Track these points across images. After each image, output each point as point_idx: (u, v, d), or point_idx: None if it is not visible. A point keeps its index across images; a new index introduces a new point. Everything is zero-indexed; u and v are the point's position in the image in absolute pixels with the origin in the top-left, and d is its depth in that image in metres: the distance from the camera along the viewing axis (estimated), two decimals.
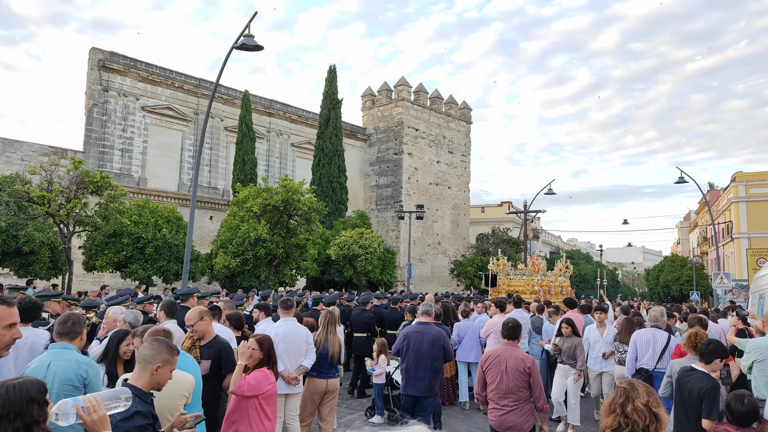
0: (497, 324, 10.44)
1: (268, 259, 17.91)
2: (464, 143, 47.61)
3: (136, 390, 3.06)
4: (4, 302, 2.97)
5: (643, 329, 7.72)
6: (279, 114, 37.98)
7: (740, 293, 25.07)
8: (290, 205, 17.55)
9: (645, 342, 7.37)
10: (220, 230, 20.07)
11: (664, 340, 7.30)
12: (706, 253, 62.08)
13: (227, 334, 6.39)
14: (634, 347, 7.46)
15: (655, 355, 7.24)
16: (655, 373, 7.10)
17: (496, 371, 5.87)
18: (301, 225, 18.38)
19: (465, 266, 35.36)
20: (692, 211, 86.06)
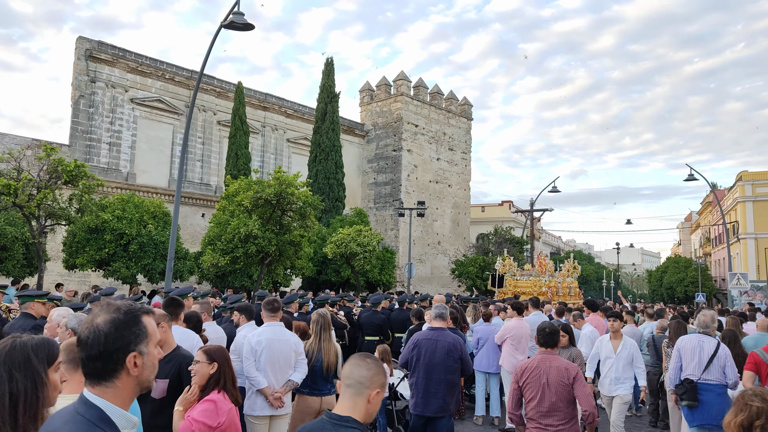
0: (514, 329, 9.26)
1: (260, 257, 16.65)
2: (465, 140, 46.40)
3: (358, 426, 2.30)
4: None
5: (688, 335, 6.86)
6: (274, 108, 36.70)
7: (756, 294, 23.90)
8: (284, 199, 16.29)
9: (690, 349, 6.51)
10: (210, 226, 18.80)
11: (712, 347, 6.40)
12: (709, 254, 61.04)
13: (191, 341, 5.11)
14: (678, 355, 6.64)
15: (702, 364, 6.36)
16: (700, 384, 6.28)
17: (536, 386, 4.82)
18: (296, 221, 17.12)
19: (467, 266, 34.13)
20: (694, 212, 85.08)
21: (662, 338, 10.34)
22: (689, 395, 6.25)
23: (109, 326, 1.86)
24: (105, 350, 1.83)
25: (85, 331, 1.88)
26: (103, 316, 1.89)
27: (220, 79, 33.97)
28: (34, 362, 2.04)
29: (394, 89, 41.74)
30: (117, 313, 1.90)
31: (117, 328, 1.86)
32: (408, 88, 41.69)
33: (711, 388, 6.21)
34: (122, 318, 1.89)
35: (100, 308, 1.95)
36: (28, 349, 2.06)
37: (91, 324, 1.88)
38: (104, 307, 1.96)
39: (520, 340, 9.18)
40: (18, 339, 2.10)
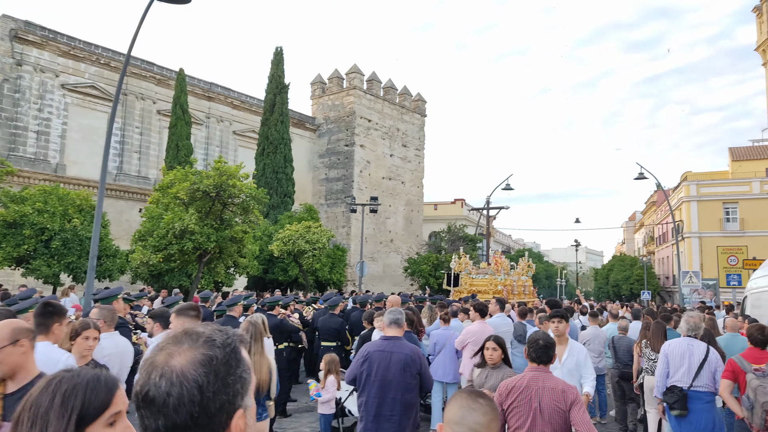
0: (476, 333, 8.34)
1: (197, 255, 15.25)
2: (418, 137, 45.69)
3: None
4: None
5: (677, 339, 6.27)
6: (220, 99, 34.92)
7: (706, 293, 24.03)
8: (224, 191, 14.94)
9: (679, 354, 5.92)
10: (142, 221, 17.21)
11: (702, 352, 5.83)
12: (653, 253, 62.53)
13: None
14: (665, 360, 6.04)
15: (692, 370, 5.81)
16: (691, 392, 5.75)
17: (525, 411, 3.88)
18: (238, 215, 15.79)
19: (419, 265, 33.36)
20: (638, 211, 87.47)
21: (623, 339, 9.72)
22: (680, 404, 5.73)
23: (202, 371, 1.17)
24: (203, 412, 1.15)
25: (158, 383, 1.16)
26: (187, 355, 1.19)
27: (160, 66, 32.00)
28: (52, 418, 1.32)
29: (346, 83, 40.57)
30: (209, 348, 1.21)
31: (216, 373, 1.18)
32: (361, 81, 40.59)
33: (701, 396, 5.73)
34: (220, 355, 1.21)
35: (173, 340, 1.24)
36: (54, 395, 1.36)
37: (168, 370, 1.17)
38: (180, 337, 1.24)
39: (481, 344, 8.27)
40: (58, 377, 1.41)
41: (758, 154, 47.49)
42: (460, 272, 23.29)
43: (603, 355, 10.25)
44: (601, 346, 10.24)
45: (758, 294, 10.99)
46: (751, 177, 42.29)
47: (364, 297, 11.58)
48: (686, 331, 6.06)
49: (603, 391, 10.38)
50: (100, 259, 18.15)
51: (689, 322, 6.03)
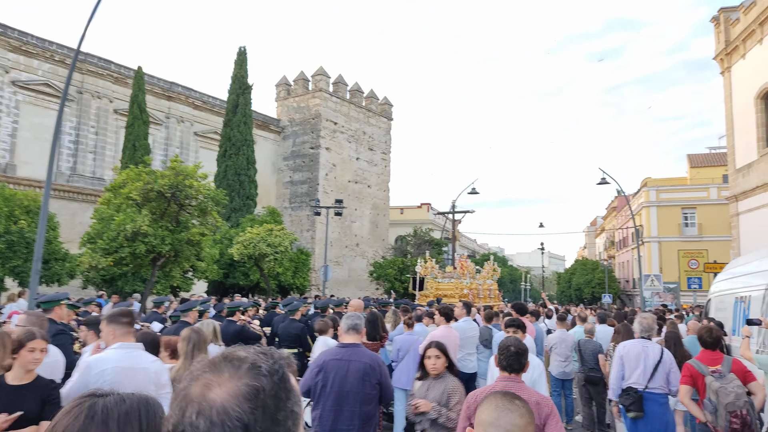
0: (441, 338, 8.01)
1: (151, 258, 14.53)
2: (385, 140, 45.40)
3: None
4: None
5: (631, 340, 6.27)
6: (180, 98, 33.95)
7: (666, 296, 24.32)
8: (180, 192, 14.29)
9: (635, 356, 5.93)
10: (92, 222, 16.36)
11: (656, 354, 5.86)
12: (614, 257, 63.66)
13: None
14: (620, 362, 6.02)
15: (647, 371, 5.82)
16: (647, 394, 5.76)
17: None
18: (195, 217, 15.14)
19: (385, 269, 32.99)
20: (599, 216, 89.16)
21: (589, 343, 9.55)
22: (636, 406, 5.73)
23: (247, 407, 0.95)
24: None
25: (195, 422, 0.94)
26: (229, 386, 0.97)
27: (118, 64, 30.90)
28: None
29: (312, 84, 40.01)
30: (255, 377, 0.99)
31: (264, 409, 0.96)
32: (327, 83, 40.09)
33: (655, 398, 5.74)
34: (268, 386, 0.98)
35: (211, 367, 1.01)
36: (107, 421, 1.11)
37: (206, 406, 0.95)
38: (219, 364, 1.02)
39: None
40: (101, 400, 1.17)
41: (715, 161, 48.79)
42: (426, 276, 23.21)
43: (570, 360, 10.05)
44: (569, 350, 10.04)
45: (722, 297, 10.95)
46: (708, 183, 43.39)
47: (325, 302, 11.12)
48: (639, 332, 6.03)
49: (570, 396, 10.18)
50: (48, 263, 17.22)
51: (642, 323, 6.00)
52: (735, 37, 26.56)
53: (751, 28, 24.97)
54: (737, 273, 10.52)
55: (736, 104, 26.91)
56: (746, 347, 7.46)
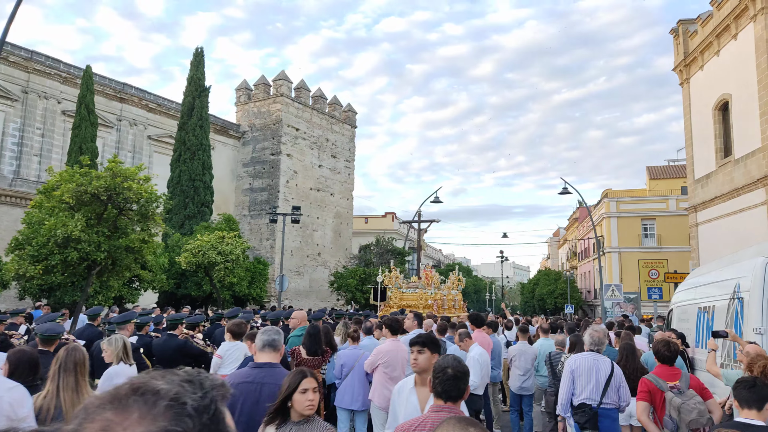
0: (388, 352, 7.30)
1: (85, 266, 13.43)
2: (348, 148, 44.68)
3: None
4: None
5: (581, 354, 6.02)
6: (134, 101, 32.60)
7: (627, 306, 24.18)
8: (118, 194, 13.25)
9: (586, 370, 5.68)
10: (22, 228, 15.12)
11: (607, 368, 5.66)
12: (576, 268, 64.20)
13: None
14: (570, 377, 5.76)
15: (599, 386, 5.59)
16: (601, 410, 5.53)
17: None
18: (136, 222, 14.09)
19: (346, 278, 32.14)
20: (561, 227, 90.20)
21: (560, 355, 8.97)
22: (591, 423, 5.49)
23: None
24: None
25: None
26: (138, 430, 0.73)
27: (67, 63, 29.46)
28: None
29: (273, 89, 39.08)
30: (175, 419, 0.75)
31: None
32: (289, 89, 39.22)
33: (608, 413, 5.55)
34: (193, 429, 0.76)
35: (112, 401, 0.77)
36: None
37: None
38: (125, 398, 0.77)
39: (395, 366, 7.22)
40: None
41: (674, 173, 49.69)
42: (390, 286, 22.80)
43: (531, 374, 9.44)
44: (529, 363, 9.43)
45: (684, 307, 10.55)
46: (667, 195, 44.07)
47: (276, 313, 10.29)
48: (589, 346, 5.79)
49: (529, 412, 9.57)
50: None
51: (593, 336, 5.76)
52: (693, 48, 26.85)
53: (708, 40, 25.25)
54: (700, 282, 10.13)
55: (695, 115, 27.17)
56: (712, 362, 6.96)
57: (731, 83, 23.66)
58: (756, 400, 3.49)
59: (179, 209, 28.33)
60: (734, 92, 23.52)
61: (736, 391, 3.62)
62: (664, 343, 5.32)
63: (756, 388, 3.52)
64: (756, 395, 3.50)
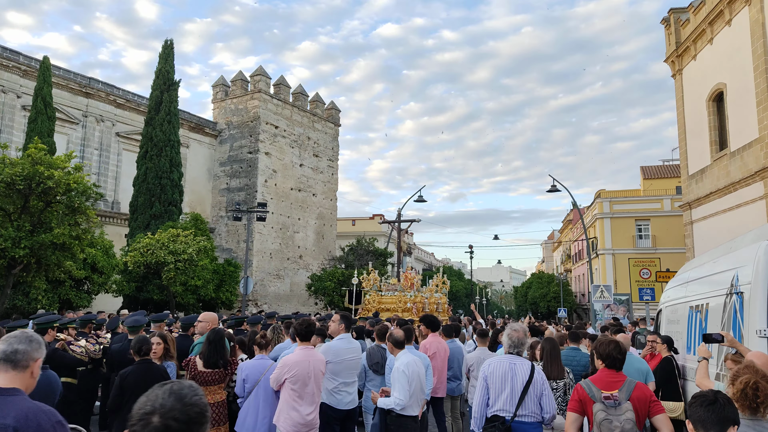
0: (297, 364, 5.80)
1: (3, 264, 11.89)
2: (332, 147, 43.18)
3: None
4: None
5: (497, 358, 5.35)
6: (100, 96, 31.06)
7: (618, 308, 22.71)
8: (39, 184, 11.75)
9: (501, 376, 4.90)
10: None
11: (525, 373, 4.88)
12: (570, 270, 62.97)
13: None
14: (484, 384, 4.98)
15: (515, 395, 4.79)
16: (516, 424, 4.72)
17: None
18: (65, 216, 12.57)
19: (324, 281, 30.59)
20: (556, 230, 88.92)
21: None
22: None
23: None
24: None
25: None
26: None
27: (28, 56, 27.92)
28: None
29: (251, 85, 37.60)
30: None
31: None
32: (267, 85, 37.73)
33: (526, 428, 4.70)
34: None
35: None
36: None
37: None
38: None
39: (305, 381, 5.71)
40: None
41: (669, 173, 48.36)
42: (367, 289, 21.64)
43: None
44: None
45: (674, 306, 9.07)
46: (662, 195, 42.77)
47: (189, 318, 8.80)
48: (508, 348, 5.03)
49: None
50: None
51: (512, 336, 5.00)
52: (685, 38, 25.48)
53: (701, 28, 23.89)
54: (691, 277, 8.63)
55: (689, 108, 25.79)
56: (704, 373, 5.50)
57: (726, 72, 22.30)
58: (715, 422, 2.58)
59: (145, 208, 26.79)
60: (729, 81, 22.16)
61: (691, 409, 2.67)
62: (613, 344, 4.32)
63: (715, 405, 2.60)
64: (715, 416, 2.59)
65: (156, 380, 5.57)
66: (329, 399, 6.38)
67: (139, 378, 5.54)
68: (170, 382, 1.69)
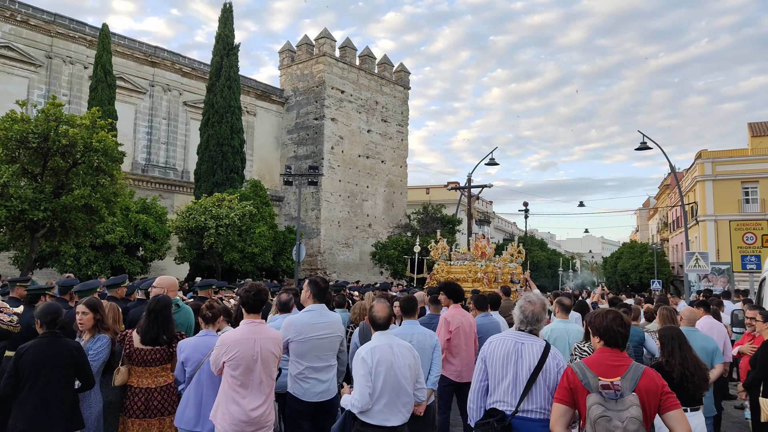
0: (238, 343, 4.41)
1: (20, 226, 11.41)
2: (401, 111, 41.42)
3: None
4: None
5: (499, 335, 3.96)
6: (166, 65, 31.06)
7: (717, 279, 19.74)
8: (55, 142, 11.06)
9: (501, 358, 3.71)
10: None
11: (535, 356, 3.65)
12: (667, 240, 58.20)
13: None
14: (482, 368, 3.83)
15: (518, 384, 3.60)
16: (517, 421, 3.54)
17: None
18: (82, 176, 11.87)
19: (387, 249, 29.30)
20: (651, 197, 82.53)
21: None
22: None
23: None
24: None
25: None
26: None
27: (93, 27, 28.16)
28: None
29: (316, 49, 36.45)
30: None
31: None
32: (332, 48, 36.44)
33: (532, 427, 3.52)
34: None
35: None
36: None
37: None
38: None
39: (250, 367, 4.30)
40: None
41: None
42: (437, 258, 20.19)
43: None
44: None
45: None
46: None
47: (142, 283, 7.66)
48: (519, 323, 3.84)
49: None
50: None
51: (525, 309, 3.81)
52: None
53: None
54: None
55: None
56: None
57: None
58: None
59: (208, 176, 26.53)
60: None
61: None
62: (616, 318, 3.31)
63: None
64: None
65: (61, 358, 4.32)
66: (294, 388, 4.95)
67: (39, 355, 4.35)
68: None
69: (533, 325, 3.79)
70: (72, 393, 4.48)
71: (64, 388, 4.39)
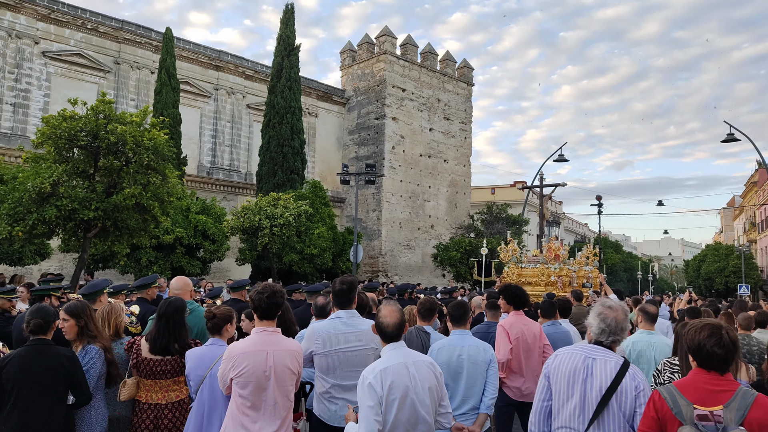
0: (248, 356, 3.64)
1: (72, 226, 11.33)
2: (464, 108, 40.24)
3: None
4: None
5: (566, 348, 3.33)
6: (230, 68, 31.40)
7: None
8: (103, 140, 10.91)
9: (566, 376, 3.14)
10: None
11: (608, 375, 3.03)
12: (755, 241, 54.01)
13: None
14: (545, 386, 3.27)
15: (587, 408, 3.03)
16: None
17: None
18: (132, 174, 11.68)
19: (450, 251, 28.27)
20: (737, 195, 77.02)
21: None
22: None
23: None
24: None
25: None
26: None
27: (159, 32, 28.81)
28: None
29: (376, 47, 35.94)
30: None
31: None
32: (393, 45, 35.79)
33: None
34: None
35: None
36: None
37: None
38: None
39: (262, 385, 3.59)
40: None
41: None
42: (508, 260, 19.25)
43: None
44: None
45: None
46: None
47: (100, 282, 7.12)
48: (597, 334, 3.09)
49: None
50: None
51: (606, 317, 3.06)
52: None
53: None
54: None
55: None
56: None
57: None
58: None
59: (269, 177, 26.48)
60: None
61: None
62: (714, 330, 2.59)
63: None
64: None
65: (48, 370, 3.72)
66: (319, 409, 4.18)
67: (22, 367, 3.80)
68: None
69: (615, 335, 3.11)
70: (64, 409, 3.91)
71: (53, 404, 3.82)
